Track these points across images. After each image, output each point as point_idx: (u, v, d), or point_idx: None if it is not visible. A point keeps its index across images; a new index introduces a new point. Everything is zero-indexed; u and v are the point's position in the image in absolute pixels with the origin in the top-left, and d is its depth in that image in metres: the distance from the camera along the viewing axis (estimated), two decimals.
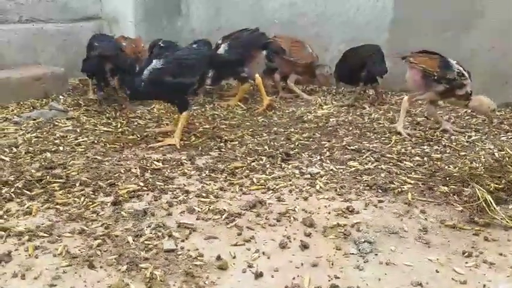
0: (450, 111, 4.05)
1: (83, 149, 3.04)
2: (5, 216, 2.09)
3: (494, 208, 2.08)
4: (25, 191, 2.33)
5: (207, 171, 2.65)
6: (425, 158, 2.84)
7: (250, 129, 3.57)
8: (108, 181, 2.48)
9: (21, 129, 3.54)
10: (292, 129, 3.54)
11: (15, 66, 4.89)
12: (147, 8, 5.88)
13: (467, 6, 4.18)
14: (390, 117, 3.84)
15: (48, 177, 2.50)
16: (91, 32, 5.58)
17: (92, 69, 4.31)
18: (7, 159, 2.83)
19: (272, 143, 3.20)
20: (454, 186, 2.40)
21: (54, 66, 4.94)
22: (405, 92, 4.56)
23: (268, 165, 2.75)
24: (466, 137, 3.27)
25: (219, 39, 4.68)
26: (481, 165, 2.66)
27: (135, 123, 3.70)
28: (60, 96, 4.66)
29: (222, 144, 3.20)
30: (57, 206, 2.18)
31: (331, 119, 3.81)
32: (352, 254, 1.81)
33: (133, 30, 5.78)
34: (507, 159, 2.64)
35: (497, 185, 2.31)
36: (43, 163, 2.75)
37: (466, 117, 3.82)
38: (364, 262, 1.76)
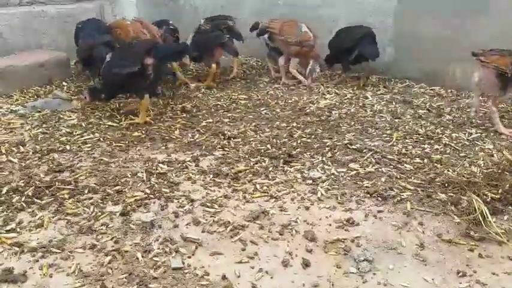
0: (452, 101, 4.07)
1: (89, 148, 3.10)
2: (18, 229, 2.17)
3: (490, 221, 2.15)
4: (35, 200, 2.41)
5: (211, 175, 2.71)
6: (425, 160, 2.89)
7: (253, 124, 3.61)
8: (116, 187, 2.55)
9: (27, 123, 3.59)
10: (295, 124, 3.58)
11: (18, 51, 4.91)
12: None
13: None
14: (392, 109, 3.86)
15: (57, 183, 2.57)
16: (93, 14, 5.55)
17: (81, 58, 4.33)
18: (15, 160, 2.90)
19: (275, 141, 3.25)
20: (452, 194, 2.47)
21: (56, 51, 4.94)
22: (408, 79, 4.59)
23: (270, 168, 2.81)
24: (467, 134, 3.30)
25: (202, 20, 4.78)
26: (479, 170, 2.71)
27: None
28: (64, 83, 4.69)
29: (225, 142, 3.25)
30: (68, 217, 2.26)
31: (333, 112, 3.84)
32: (352, 273, 1.89)
33: (135, 9, 5.73)
34: (505, 163, 2.70)
35: (494, 195, 2.38)
36: (51, 165, 2.82)
37: (468, 110, 3.84)
38: (363, 282, 1.84)
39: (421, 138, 3.26)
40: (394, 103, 4.06)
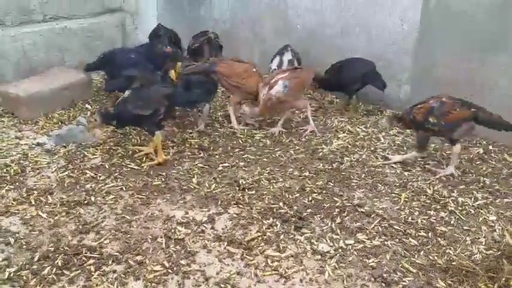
0: (463, 149, 4.15)
1: (112, 201, 3.30)
2: None
3: None
4: (65, 271, 2.63)
5: (225, 244, 2.90)
6: (429, 234, 3.03)
7: (268, 169, 3.77)
8: (137, 257, 2.76)
9: (53, 161, 3.79)
10: (307, 173, 3.73)
11: (43, 70, 5.04)
12: None
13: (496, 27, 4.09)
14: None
15: (83, 249, 2.78)
16: (114, 28, 5.66)
17: (117, 88, 4.46)
18: (44, 215, 3.11)
19: (287, 195, 3.41)
20: (450, 282, 2.62)
21: (79, 73, 5.02)
22: None
23: (282, 236, 2.98)
24: (473, 199, 3.42)
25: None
26: (478, 251, 2.85)
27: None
28: (87, 105, 4.87)
29: (239, 195, 3.42)
30: None
31: (345, 159, 3.96)
32: None
33: (156, 22, 5.80)
34: (504, 247, 2.83)
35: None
36: (77, 223, 3.04)
37: (477, 162, 3.94)
38: None
39: (428, 202, 3.38)
40: (405, 148, 4.16)
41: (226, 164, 3.85)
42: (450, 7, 4.21)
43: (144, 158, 3.88)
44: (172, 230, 3.01)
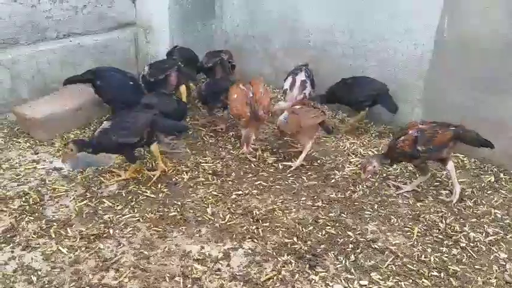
0: (474, 177, 4.18)
1: (130, 235, 3.37)
2: None
3: None
4: None
5: (241, 284, 2.96)
6: (442, 274, 3.09)
7: (280, 198, 3.83)
8: None
9: (70, 189, 3.86)
10: (320, 203, 3.78)
11: (56, 88, 5.08)
12: (182, 12, 5.84)
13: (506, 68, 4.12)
14: (416, 189, 4.01)
15: None
16: (127, 42, 5.68)
17: None
18: (65, 250, 3.19)
19: (300, 228, 3.47)
20: None
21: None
22: None
23: (297, 276, 3.05)
24: (484, 234, 3.47)
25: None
26: None
27: (174, 179, 3.98)
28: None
29: (254, 227, 3.48)
30: None
31: (358, 187, 4.01)
32: None
33: (168, 36, 5.81)
34: None
35: None
36: (97, 260, 3.11)
37: (489, 192, 3.98)
38: None
39: (440, 237, 3.43)
40: (417, 175, 4.19)
41: (240, 192, 3.91)
42: (463, 37, 4.20)
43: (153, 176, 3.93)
44: (189, 268, 3.08)
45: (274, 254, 3.23)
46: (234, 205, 3.74)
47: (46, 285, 2.89)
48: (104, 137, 3.81)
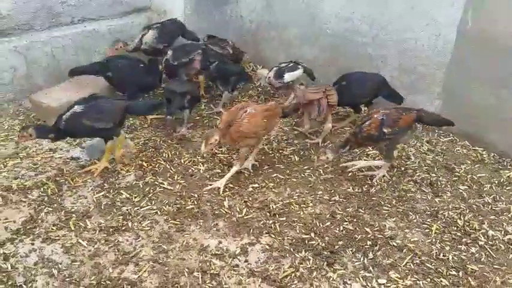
0: (493, 172, 4.13)
1: (148, 227, 3.39)
2: None
3: None
4: None
5: (259, 280, 2.98)
6: (460, 273, 3.08)
7: (297, 191, 3.81)
8: None
9: (88, 180, 3.87)
10: (337, 197, 3.76)
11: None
12: None
13: None
14: (433, 182, 3.97)
15: (124, 284, 2.89)
16: (141, 27, 5.61)
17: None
18: (84, 243, 3.22)
19: (317, 224, 3.47)
20: None
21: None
22: (452, 134, 4.62)
23: (315, 273, 3.05)
24: (503, 232, 3.44)
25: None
26: None
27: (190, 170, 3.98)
28: None
29: (270, 221, 3.48)
30: None
31: (374, 180, 3.97)
32: None
33: (183, 21, 5.74)
34: None
35: None
36: (116, 253, 3.14)
37: (507, 188, 3.93)
38: None
39: (459, 235, 3.41)
40: (436, 169, 4.15)
41: (256, 185, 3.90)
42: (486, 31, 4.09)
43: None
44: (208, 263, 3.10)
45: (292, 250, 3.24)
46: (250, 198, 3.74)
47: (67, 279, 2.93)
48: (76, 121, 3.70)
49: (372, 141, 3.91)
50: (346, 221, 3.52)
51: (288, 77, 4.83)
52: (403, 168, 4.18)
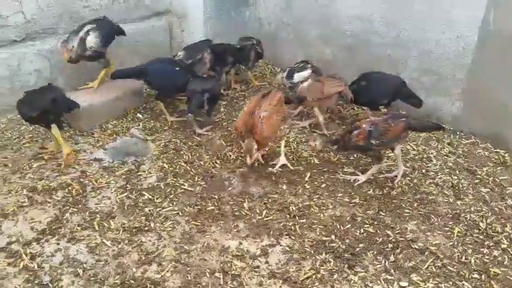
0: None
1: (170, 228, 3.44)
2: None
3: None
4: None
5: (280, 282, 2.99)
6: (483, 276, 3.05)
7: (316, 193, 3.82)
8: None
9: (111, 182, 3.94)
10: (357, 199, 3.76)
11: (92, 79, 5.14)
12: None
13: None
14: (455, 184, 3.94)
15: (148, 283, 2.94)
16: (162, 31, 5.69)
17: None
18: (109, 243, 3.28)
19: (338, 226, 3.47)
20: None
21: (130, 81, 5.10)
22: (474, 135, 4.57)
23: (336, 275, 3.06)
24: None
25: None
26: None
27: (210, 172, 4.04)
28: (138, 115, 4.99)
29: (290, 223, 3.49)
30: None
31: (395, 181, 3.96)
32: None
33: (202, 24, 5.80)
34: None
35: None
36: (140, 253, 3.19)
37: None
38: None
39: (481, 238, 3.38)
40: (457, 172, 4.12)
41: (275, 187, 3.92)
42: (508, 32, 4.05)
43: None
44: (229, 264, 3.13)
45: (312, 252, 3.25)
46: (269, 200, 3.76)
47: (92, 278, 2.99)
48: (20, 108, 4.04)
49: (359, 151, 4.02)
50: (367, 224, 3.51)
51: (297, 77, 4.90)
52: (424, 171, 4.15)
